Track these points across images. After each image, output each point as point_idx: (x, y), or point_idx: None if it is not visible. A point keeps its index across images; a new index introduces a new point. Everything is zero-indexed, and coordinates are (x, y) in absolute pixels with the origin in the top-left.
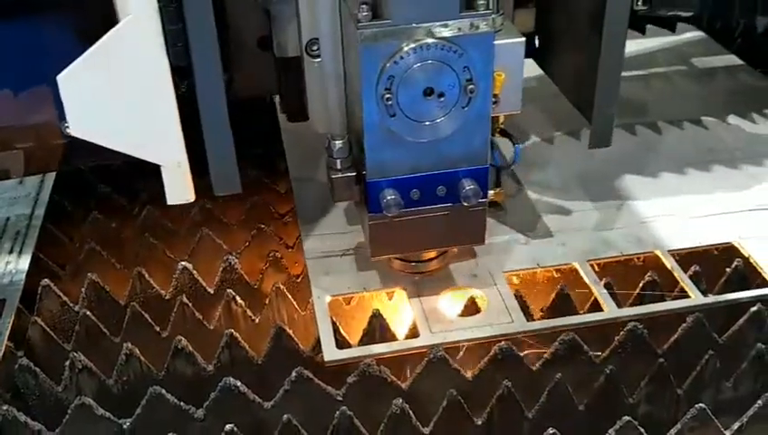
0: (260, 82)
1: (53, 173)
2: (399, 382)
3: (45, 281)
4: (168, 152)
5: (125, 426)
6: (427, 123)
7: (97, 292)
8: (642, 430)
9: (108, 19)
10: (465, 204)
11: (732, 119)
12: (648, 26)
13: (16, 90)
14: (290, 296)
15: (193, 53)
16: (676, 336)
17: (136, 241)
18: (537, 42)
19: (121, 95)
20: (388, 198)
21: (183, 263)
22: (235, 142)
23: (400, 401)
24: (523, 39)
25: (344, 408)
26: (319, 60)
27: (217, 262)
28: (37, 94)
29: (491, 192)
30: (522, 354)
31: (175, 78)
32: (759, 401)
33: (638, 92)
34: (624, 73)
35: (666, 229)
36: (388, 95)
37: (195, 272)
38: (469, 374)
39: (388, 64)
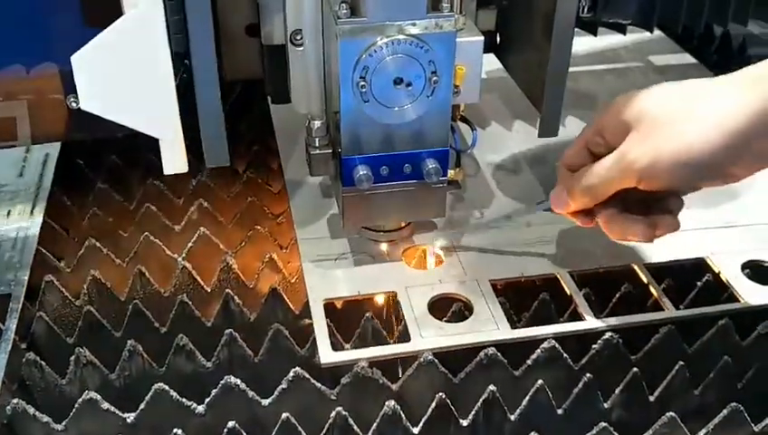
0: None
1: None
2: (391, 384)
3: (49, 277)
4: (166, 127)
5: (129, 420)
6: (396, 109)
7: (97, 287)
8: (616, 434)
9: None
10: (428, 181)
11: None
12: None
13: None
14: (285, 298)
15: (191, 41)
16: (649, 346)
17: (134, 238)
18: (498, 39)
19: (127, 75)
20: (361, 173)
21: (182, 262)
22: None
23: (392, 402)
24: (482, 38)
25: (339, 408)
26: (302, 48)
27: (215, 260)
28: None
29: (451, 172)
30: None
31: (174, 61)
32: (725, 410)
33: (590, 86)
34: (580, 68)
35: (641, 243)
36: (362, 83)
37: (193, 271)
38: (456, 378)
39: (363, 56)
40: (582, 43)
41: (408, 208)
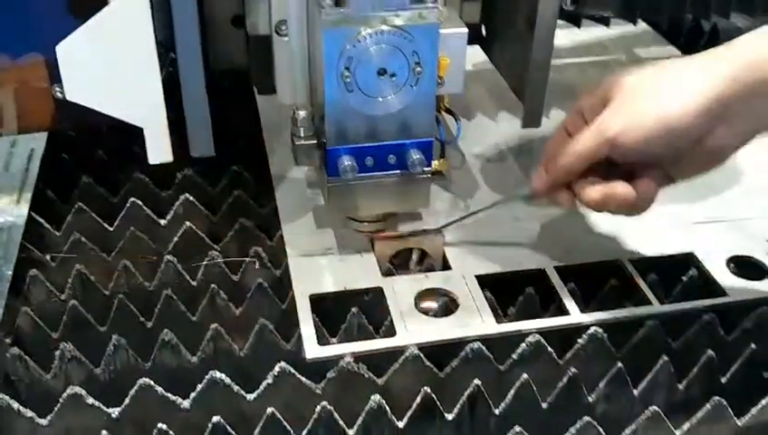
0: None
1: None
2: (376, 378)
3: (33, 271)
4: (150, 116)
5: (113, 415)
6: (381, 99)
7: (82, 281)
8: (600, 428)
9: None
10: (412, 172)
11: None
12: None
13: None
14: (271, 292)
15: (176, 31)
16: (633, 341)
17: (120, 232)
18: (483, 31)
19: (112, 65)
20: (346, 163)
21: (167, 256)
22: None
23: (378, 397)
24: (466, 30)
25: (325, 403)
26: (287, 38)
27: (200, 255)
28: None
29: (435, 162)
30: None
31: (159, 52)
32: (708, 405)
33: (574, 78)
34: (565, 60)
35: (628, 238)
36: (347, 73)
37: (179, 265)
38: (442, 373)
39: (347, 47)
40: (567, 36)
41: (392, 199)
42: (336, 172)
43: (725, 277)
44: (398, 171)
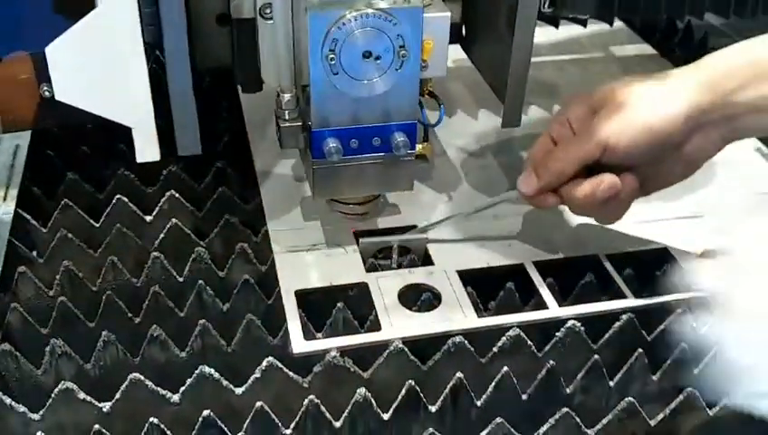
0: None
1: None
2: (362, 372)
3: (22, 268)
4: (139, 116)
5: (104, 410)
6: (365, 82)
7: (70, 278)
8: (577, 418)
9: None
10: (397, 154)
11: None
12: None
13: None
14: (257, 288)
15: (164, 31)
16: (609, 334)
17: (106, 229)
18: (464, 31)
19: (101, 66)
20: (331, 145)
21: (155, 253)
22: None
23: (363, 390)
24: (449, 13)
25: (312, 396)
26: (271, 22)
27: (187, 251)
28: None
29: (419, 146)
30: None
31: (146, 52)
32: (681, 396)
33: (552, 76)
34: (542, 58)
35: (604, 234)
36: (332, 56)
37: (165, 261)
38: (425, 366)
39: (332, 29)
40: (545, 33)
41: (376, 181)
42: (321, 154)
43: (697, 272)
44: (383, 154)
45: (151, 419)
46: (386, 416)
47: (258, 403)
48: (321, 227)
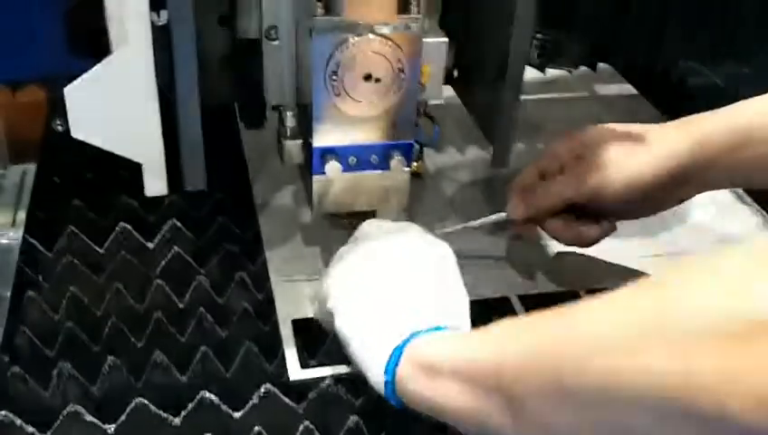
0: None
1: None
2: (354, 400)
3: (30, 292)
4: (150, 154)
5: (110, 431)
6: (365, 102)
7: (75, 303)
8: None
9: None
10: (393, 172)
11: None
12: None
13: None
14: (255, 316)
15: (177, 74)
16: None
17: (110, 256)
18: (456, 73)
19: (116, 107)
20: (330, 162)
21: (157, 280)
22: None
23: (355, 417)
24: (446, 39)
25: (307, 422)
26: (276, 42)
27: (188, 278)
28: None
29: (414, 164)
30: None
31: (159, 94)
32: None
33: (537, 115)
34: (528, 97)
35: (585, 270)
36: (334, 77)
37: (167, 288)
38: None
39: (335, 52)
40: (531, 72)
41: (373, 197)
42: (320, 170)
43: None
44: (380, 171)
45: None
46: None
47: (256, 428)
48: (318, 257)
